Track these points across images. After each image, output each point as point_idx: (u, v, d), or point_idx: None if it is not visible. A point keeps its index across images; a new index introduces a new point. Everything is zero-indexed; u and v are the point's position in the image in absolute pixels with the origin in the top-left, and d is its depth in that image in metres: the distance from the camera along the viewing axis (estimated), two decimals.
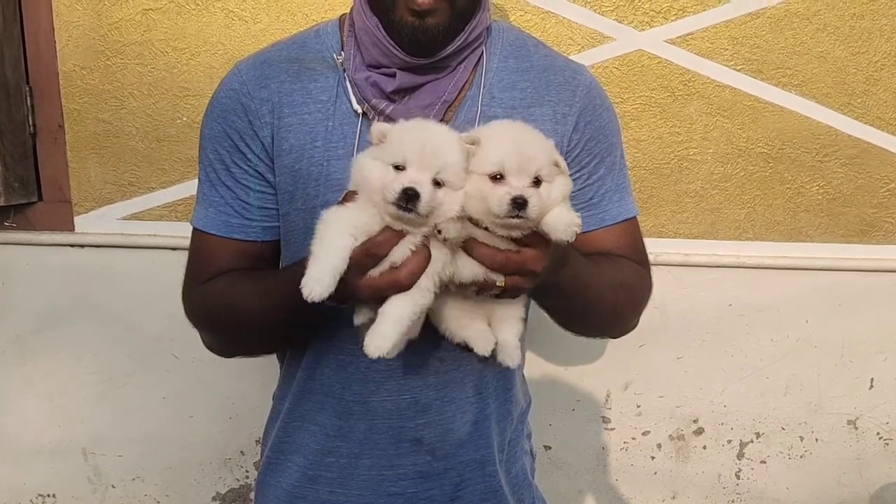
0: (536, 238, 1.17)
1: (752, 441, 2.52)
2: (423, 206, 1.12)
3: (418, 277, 1.15)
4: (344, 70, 1.39)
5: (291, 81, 1.41)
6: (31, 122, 2.33)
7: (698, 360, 2.46)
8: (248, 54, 1.49)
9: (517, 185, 1.14)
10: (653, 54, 2.25)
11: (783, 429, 2.51)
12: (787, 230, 2.36)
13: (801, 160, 2.31)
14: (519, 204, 1.12)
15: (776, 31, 2.23)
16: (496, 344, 1.25)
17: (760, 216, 2.35)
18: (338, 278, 1.12)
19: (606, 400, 2.50)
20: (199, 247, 1.48)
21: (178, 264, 2.31)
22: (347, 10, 1.46)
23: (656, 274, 2.33)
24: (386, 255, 1.15)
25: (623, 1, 2.22)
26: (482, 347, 1.23)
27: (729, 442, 2.52)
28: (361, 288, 1.16)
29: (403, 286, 1.15)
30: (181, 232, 2.32)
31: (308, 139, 1.38)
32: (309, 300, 1.10)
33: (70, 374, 2.50)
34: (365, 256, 1.14)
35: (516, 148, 1.16)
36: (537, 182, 1.16)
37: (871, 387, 2.47)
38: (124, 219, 2.39)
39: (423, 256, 1.15)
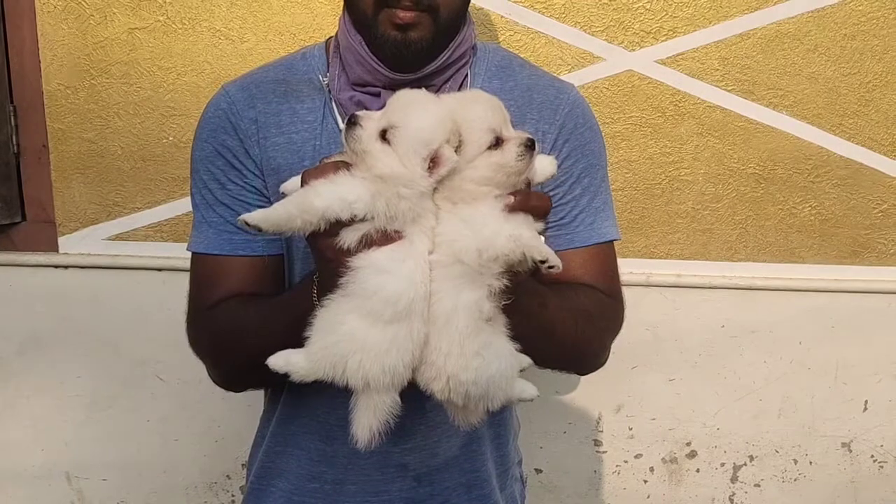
0: None
1: (745, 464, 2.49)
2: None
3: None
4: (329, 91, 1.39)
5: (279, 102, 1.40)
6: (14, 142, 2.30)
7: (691, 382, 2.43)
8: (235, 76, 1.47)
9: (514, 133, 1.12)
10: (643, 75, 2.24)
11: (777, 451, 2.48)
12: (780, 251, 2.35)
13: (793, 181, 2.30)
14: (530, 145, 1.10)
15: (767, 51, 2.22)
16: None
17: (752, 237, 2.34)
18: None
19: (598, 422, 2.48)
20: (203, 271, 1.42)
21: (163, 285, 2.35)
22: (335, 31, 1.45)
23: (648, 295, 2.38)
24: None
25: (613, 21, 2.21)
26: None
27: (722, 465, 2.50)
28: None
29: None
30: (167, 252, 2.33)
31: (296, 158, 1.37)
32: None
33: (53, 396, 2.46)
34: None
35: (487, 108, 1.13)
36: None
37: (866, 409, 2.46)
38: (109, 239, 2.35)
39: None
